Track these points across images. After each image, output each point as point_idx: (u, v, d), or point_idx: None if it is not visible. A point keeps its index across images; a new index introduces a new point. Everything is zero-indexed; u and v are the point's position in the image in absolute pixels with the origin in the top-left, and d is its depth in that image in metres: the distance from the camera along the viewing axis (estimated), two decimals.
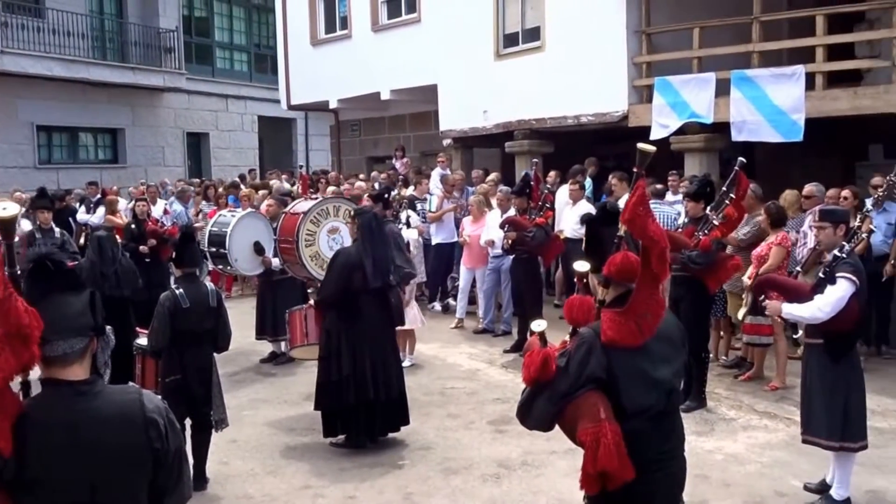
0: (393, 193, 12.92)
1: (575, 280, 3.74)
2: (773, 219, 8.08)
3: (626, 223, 3.42)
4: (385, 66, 17.21)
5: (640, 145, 3.57)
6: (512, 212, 10.24)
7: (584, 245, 3.82)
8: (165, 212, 14.68)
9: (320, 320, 6.93)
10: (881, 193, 6.30)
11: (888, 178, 6.17)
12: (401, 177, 15.09)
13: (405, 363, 8.60)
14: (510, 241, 9.80)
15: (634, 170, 3.57)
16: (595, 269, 3.57)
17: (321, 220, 8.24)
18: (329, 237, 8.22)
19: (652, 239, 3.33)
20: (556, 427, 3.45)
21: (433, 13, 16.06)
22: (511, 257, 10.18)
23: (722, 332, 9.14)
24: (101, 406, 2.50)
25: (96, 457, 2.46)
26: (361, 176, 15.90)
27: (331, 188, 13.14)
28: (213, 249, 9.71)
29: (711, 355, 8.55)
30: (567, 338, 3.49)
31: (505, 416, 7.39)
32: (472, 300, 11.69)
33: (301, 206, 8.61)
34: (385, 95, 17.70)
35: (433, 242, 12.37)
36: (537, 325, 3.53)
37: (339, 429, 6.83)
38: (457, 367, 9.45)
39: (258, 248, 9.50)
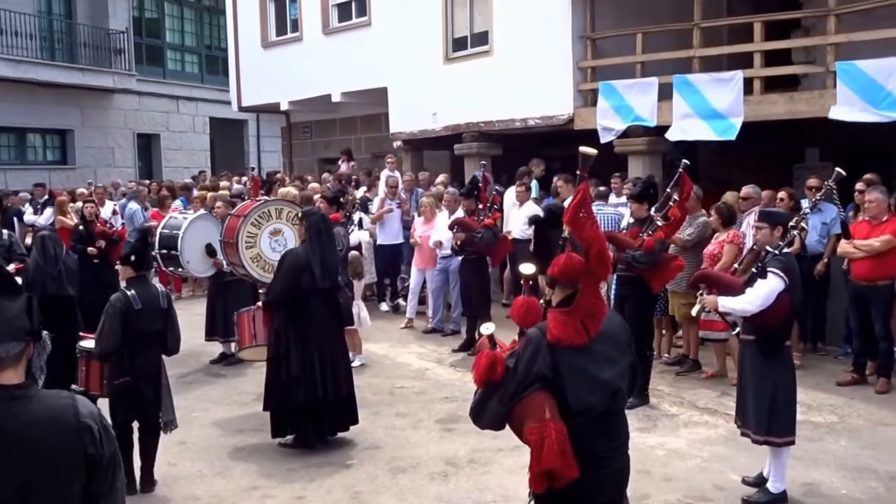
0: (352, 194, 12.91)
1: (521, 282, 3.73)
2: (724, 218, 8.20)
3: (568, 224, 3.45)
4: (336, 69, 17.10)
5: (583, 149, 3.59)
6: (460, 213, 10.23)
7: (531, 246, 3.84)
8: (114, 213, 14.40)
9: (269, 321, 6.86)
10: (819, 197, 6.40)
11: (826, 182, 6.24)
12: (353, 178, 14.99)
13: (354, 363, 8.55)
14: (459, 242, 9.78)
15: (578, 172, 3.60)
16: (542, 270, 3.59)
17: (263, 223, 8.14)
18: (271, 239, 8.12)
19: (589, 240, 3.38)
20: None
21: (383, 17, 15.99)
22: (460, 258, 10.16)
23: (664, 331, 9.22)
24: (35, 410, 2.44)
25: (29, 461, 2.40)
26: (310, 178, 15.76)
27: (283, 190, 12.98)
28: (165, 251, 9.54)
29: (654, 353, 8.63)
30: (516, 338, 3.51)
31: (453, 415, 7.36)
32: (422, 300, 11.65)
33: (245, 207, 8.50)
34: (336, 98, 17.59)
35: (377, 243, 12.32)
36: (485, 328, 3.54)
37: (288, 429, 6.77)
38: (406, 367, 9.41)
39: (210, 250, 9.37)
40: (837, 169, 6.20)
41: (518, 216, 11.21)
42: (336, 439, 6.89)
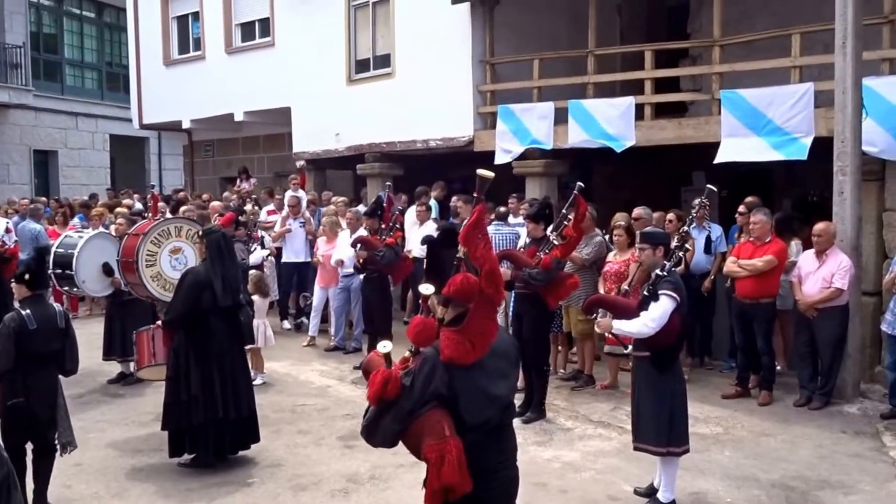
0: (249, 212, 12.65)
1: (420, 301, 3.71)
2: (631, 238, 8.30)
3: (464, 244, 3.45)
4: (239, 88, 16.79)
5: (480, 172, 3.60)
6: (363, 232, 10.13)
7: (424, 266, 3.82)
8: (7, 230, 13.66)
9: (168, 340, 6.66)
10: (696, 215, 6.57)
11: (701, 199, 6.42)
12: (253, 197, 14.69)
13: (256, 381, 8.37)
14: (361, 261, 9.70)
15: (475, 194, 3.60)
16: (436, 289, 3.56)
17: (162, 241, 7.93)
18: (172, 257, 7.91)
19: (482, 260, 3.40)
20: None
21: (287, 38, 15.79)
22: (362, 276, 10.07)
23: (560, 347, 9.29)
24: None
25: None
26: (206, 196, 15.39)
27: (183, 207, 12.63)
28: (59, 271, 9.14)
29: (550, 368, 8.68)
30: (408, 354, 3.48)
31: (354, 432, 7.17)
32: (325, 318, 11.49)
33: (143, 226, 8.26)
34: (239, 117, 17.26)
35: (281, 261, 12.19)
36: (383, 347, 3.49)
37: (187, 448, 6.56)
38: (308, 385, 9.26)
39: (107, 270, 9.05)
40: (709, 186, 6.39)
41: (419, 235, 11.15)
42: (237, 458, 6.73)
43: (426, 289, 3.61)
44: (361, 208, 11.74)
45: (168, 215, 11.25)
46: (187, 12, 18.91)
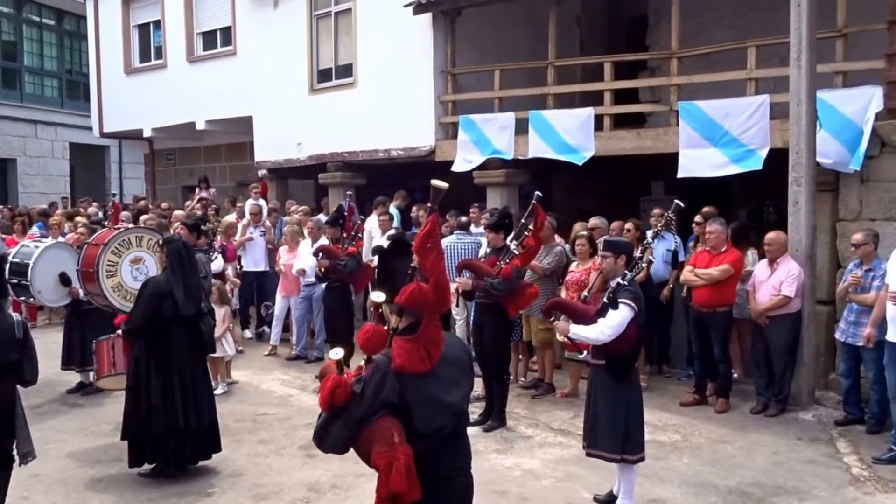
0: (210, 222, 12.45)
1: (371, 309, 3.64)
2: (592, 248, 8.28)
3: (416, 253, 3.44)
4: (200, 97, 16.63)
5: (434, 182, 3.61)
6: (324, 241, 10.04)
7: (376, 276, 3.81)
8: None
9: (128, 350, 6.55)
10: (659, 227, 6.59)
11: (665, 213, 6.42)
12: (215, 207, 14.50)
13: (217, 390, 8.28)
14: (323, 270, 9.62)
15: (429, 204, 3.61)
16: (389, 298, 3.55)
17: (123, 251, 7.76)
18: (132, 267, 7.75)
19: (432, 270, 3.41)
20: None
21: (249, 46, 15.67)
22: (323, 285, 10.00)
23: (521, 355, 9.26)
24: None
25: None
26: (165, 205, 15.18)
27: (144, 216, 12.42)
28: (15, 280, 8.91)
29: (511, 377, 8.64)
30: (363, 363, 3.46)
31: None
32: (286, 327, 11.39)
33: (103, 236, 8.07)
34: (200, 126, 17.07)
35: (242, 270, 12.03)
36: (335, 353, 3.47)
37: (148, 458, 6.45)
38: (270, 394, 9.14)
39: (64, 280, 8.86)
40: (676, 200, 6.41)
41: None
42: (197, 468, 6.61)
43: (377, 296, 3.62)
44: (322, 217, 11.64)
45: (129, 224, 11.05)
46: (148, 21, 18.76)
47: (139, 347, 6.39)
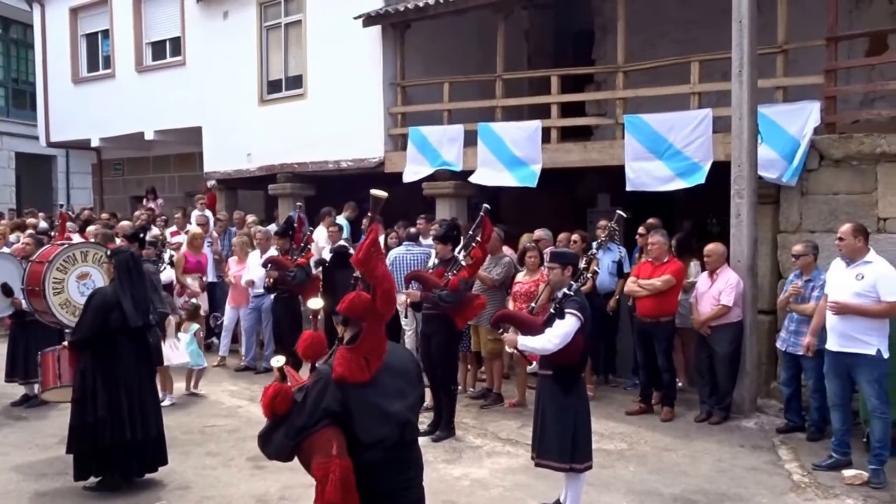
0: (155, 233, 12.17)
1: (311, 317, 3.69)
2: (540, 259, 8.25)
3: (359, 263, 3.42)
4: (149, 107, 16.32)
5: (374, 192, 3.61)
6: (274, 252, 9.90)
7: (321, 286, 3.80)
8: None
9: (74, 361, 6.37)
10: (603, 238, 6.59)
11: (609, 224, 6.42)
12: (164, 218, 14.19)
13: (165, 402, 8.10)
14: (272, 281, 9.50)
15: (369, 214, 3.61)
16: (332, 309, 3.55)
17: (69, 267, 7.54)
18: (79, 283, 7.53)
19: (378, 279, 3.40)
20: None
21: (198, 57, 15.44)
22: (272, 296, 9.87)
23: (469, 365, 9.18)
24: None
25: None
26: (105, 215, 14.83)
27: (91, 227, 12.11)
28: None
29: (459, 387, 8.57)
30: (309, 372, 3.48)
31: None
32: (235, 338, 11.19)
33: (48, 252, 7.83)
34: (149, 136, 16.73)
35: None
36: (276, 361, 3.51)
37: (94, 471, 6.28)
38: (218, 405, 8.96)
39: (6, 290, 8.60)
40: (619, 212, 6.41)
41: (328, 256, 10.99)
42: (144, 480, 6.44)
43: (314, 303, 3.63)
44: (272, 228, 11.46)
45: (75, 237, 10.79)
46: (97, 30, 18.40)
47: (85, 359, 6.26)
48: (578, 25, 13.82)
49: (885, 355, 6.26)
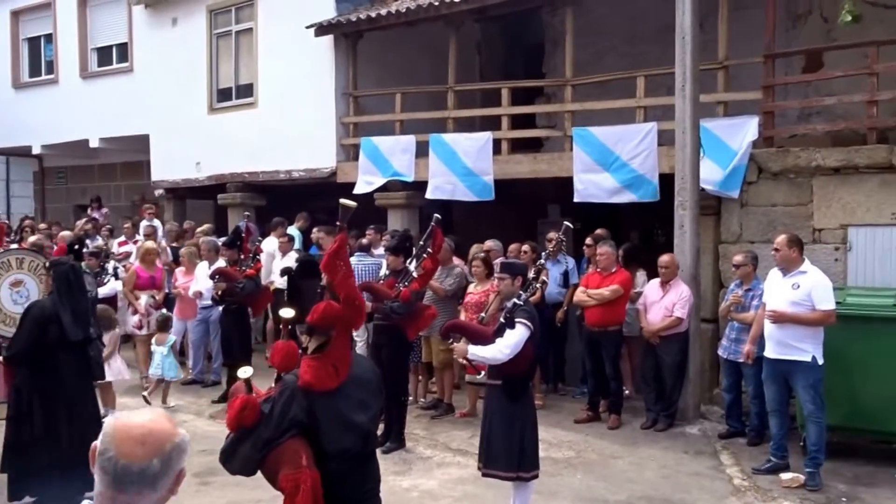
0: (99, 244, 12.07)
1: (280, 326, 3.78)
2: (488, 269, 8.38)
3: (325, 271, 3.53)
4: (94, 114, 16.11)
5: (343, 201, 3.74)
6: (222, 263, 9.89)
7: (286, 296, 3.87)
8: None
9: (10, 377, 6.31)
10: (551, 249, 6.78)
11: (558, 235, 6.62)
12: (109, 227, 14.07)
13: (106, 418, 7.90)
14: (220, 292, 9.45)
15: (338, 223, 3.71)
16: (298, 319, 3.60)
17: (2, 273, 7.48)
18: (12, 290, 7.46)
19: (343, 288, 3.49)
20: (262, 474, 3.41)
21: (146, 63, 15.33)
22: (220, 308, 9.80)
23: (420, 376, 9.30)
24: None
25: None
26: (43, 225, 14.62)
27: (32, 238, 11.93)
28: None
29: (410, 398, 8.68)
30: (273, 384, 3.51)
31: (211, 468, 6.85)
32: (183, 351, 11.10)
33: None
34: (94, 143, 16.54)
35: None
36: (243, 372, 3.51)
37: (30, 491, 6.12)
38: None
39: None
40: (566, 223, 6.62)
41: (280, 267, 10.99)
42: (83, 499, 6.26)
43: (286, 312, 3.66)
44: (216, 238, 11.38)
45: (13, 246, 10.62)
46: (39, 34, 18.13)
47: (22, 375, 6.14)
48: (529, 39, 14.08)
49: (820, 362, 6.55)
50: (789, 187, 8.34)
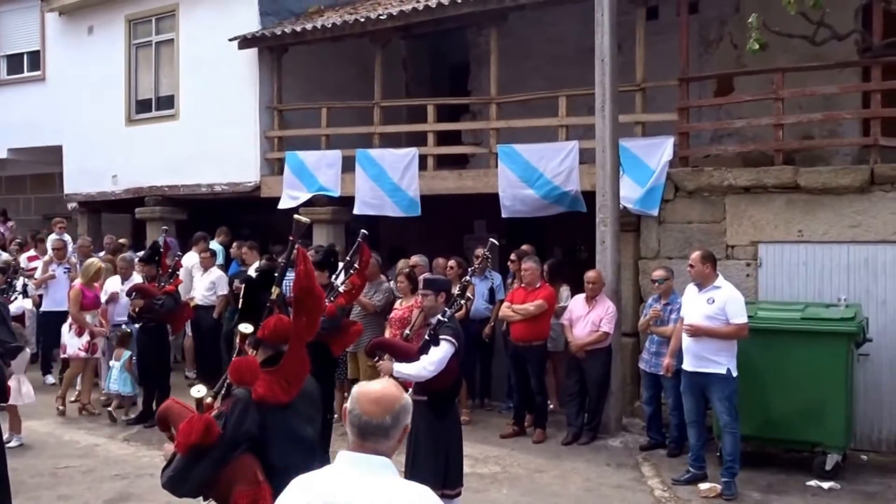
0: (6, 258, 11.69)
1: (238, 341, 3.76)
2: (413, 285, 8.41)
3: (301, 290, 3.57)
4: (3, 124, 15.61)
5: (297, 217, 3.83)
6: (137, 278, 9.71)
7: (240, 307, 3.89)
8: None
9: None
10: (477, 266, 6.92)
11: (483, 251, 6.76)
12: (19, 242, 13.62)
13: (11, 443, 7.70)
14: (136, 309, 9.21)
15: (290, 238, 3.78)
16: (254, 330, 3.62)
17: None
18: None
19: (316, 300, 3.60)
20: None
21: (60, 73, 14.99)
22: (137, 325, 9.52)
23: (346, 394, 9.26)
24: None
25: None
26: None
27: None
28: None
29: (336, 415, 8.66)
30: (209, 399, 3.49)
31: (124, 493, 6.79)
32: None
33: None
34: (2, 154, 16.03)
35: (41, 310, 11.33)
36: (197, 391, 3.48)
37: None
38: (73, 445, 8.50)
39: None
40: (491, 239, 6.76)
41: (203, 282, 10.86)
42: None
43: (245, 327, 3.65)
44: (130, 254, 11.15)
45: None
46: None
47: None
48: (455, 57, 14.28)
49: (734, 374, 6.83)
50: (704, 205, 8.71)
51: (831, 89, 8.72)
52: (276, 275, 4.10)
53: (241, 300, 3.97)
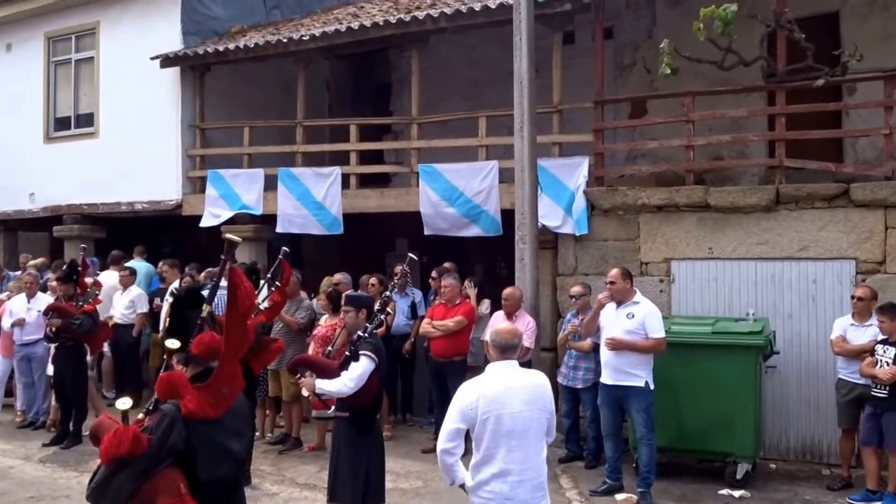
0: None
1: (164, 356, 3.68)
2: (334, 304, 8.12)
3: (248, 311, 3.60)
4: None
5: (228, 236, 3.79)
6: (48, 297, 9.22)
7: (167, 324, 3.99)
8: None
9: None
10: (396, 281, 6.72)
11: (403, 267, 6.58)
12: None
13: None
14: (53, 329, 8.75)
15: (223, 257, 3.72)
16: (182, 347, 3.57)
17: None
18: None
19: (246, 326, 3.59)
20: None
21: None
22: (53, 346, 9.04)
23: (267, 410, 8.95)
24: None
25: None
26: None
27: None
28: None
29: (258, 433, 8.33)
30: (141, 415, 3.44)
31: None
32: (9, 392, 10.24)
33: None
34: None
35: None
36: (122, 404, 3.44)
37: None
38: None
39: None
40: (411, 255, 6.60)
41: (122, 301, 10.37)
42: None
43: (172, 343, 3.60)
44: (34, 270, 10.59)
45: None
46: None
47: None
48: (378, 78, 14.13)
49: (652, 387, 6.79)
50: (619, 223, 8.69)
51: (739, 112, 8.81)
52: (202, 293, 4.06)
53: (167, 317, 3.95)
